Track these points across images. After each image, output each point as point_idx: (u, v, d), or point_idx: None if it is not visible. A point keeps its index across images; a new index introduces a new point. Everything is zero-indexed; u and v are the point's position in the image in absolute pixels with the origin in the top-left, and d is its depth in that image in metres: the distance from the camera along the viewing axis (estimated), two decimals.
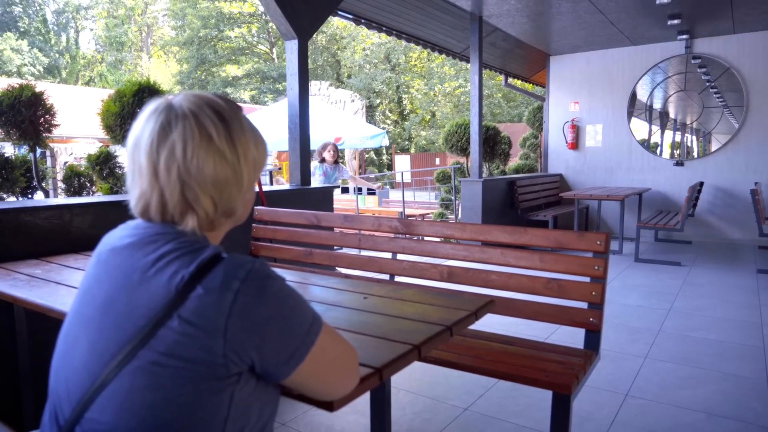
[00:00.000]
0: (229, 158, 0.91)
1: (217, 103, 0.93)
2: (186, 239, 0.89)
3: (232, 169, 0.91)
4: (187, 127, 0.88)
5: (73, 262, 2.22)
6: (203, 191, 0.89)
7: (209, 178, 0.89)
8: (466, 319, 1.45)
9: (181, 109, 0.90)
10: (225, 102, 0.95)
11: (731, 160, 7.50)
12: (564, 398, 1.80)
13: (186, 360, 0.79)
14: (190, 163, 0.88)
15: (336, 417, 2.53)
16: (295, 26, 3.79)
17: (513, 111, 25.84)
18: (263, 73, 28.94)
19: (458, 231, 2.50)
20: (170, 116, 0.89)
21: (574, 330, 2.17)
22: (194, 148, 0.88)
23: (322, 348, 0.90)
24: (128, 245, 0.90)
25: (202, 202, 0.89)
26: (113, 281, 0.88)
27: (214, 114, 0.91)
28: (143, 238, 0.90)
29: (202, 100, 0.92)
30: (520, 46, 8.23)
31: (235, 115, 0.94)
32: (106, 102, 3.74)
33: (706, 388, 2.83)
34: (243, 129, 0.94)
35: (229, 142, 0.91)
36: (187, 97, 0.92)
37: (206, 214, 0.91)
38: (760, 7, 6.08)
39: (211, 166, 0.89)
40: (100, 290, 0.90)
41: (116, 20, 31.11)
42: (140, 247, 0.89)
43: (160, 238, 0.89)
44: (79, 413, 0.84)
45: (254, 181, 0.98)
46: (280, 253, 3.05)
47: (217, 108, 0.92)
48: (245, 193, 0.96)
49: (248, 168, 0.94)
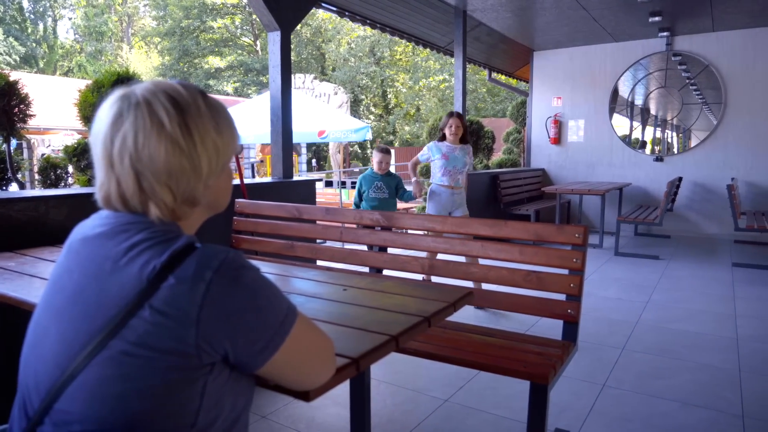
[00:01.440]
0: (182, 145, 0.87)
1: (173, 89, 0.90)
2: (158, 229, 0.88)
3: (187, 156, 0.88)
4: (138, 116, 0.87)
5: (49, 254, 2.19)
6: (158, 180, 0.87)
7: (162, 166, 0.86)
8: (444, 311, 1.46)
9: (135, 98, 0.88)
10: (184, 88, 0.92)
11: (709, 156, 7.63)
12: (541, 388, 1.82)
13: (157, 350, 0.79)
14: (142, 152, 0.86)
15: (317, 409, 2.53)
16: (277, 17, 3.75)
17: (497, 106, 25.94)
18: (247, 65, 28.63)
19: (439, 224, 2.51)
20: (123, 105, 0.88)
21: (553, 321, 2.19)
22: (146, 137, 0.86)
23: (296, 338, 0.90)
24: (99, 235, 0.89)
25: (157, 192, 0.87)
26: (84, 271, 0.87)
27: (168, 100, 0.88)
28: (114, 228, 0.88)
29: (158, 87, 0.90)
30: (504, 41, 8.26)
31: (192, 101, 0.90)
32: (83, 92, 3.67)
33: (681, 378, 2.89)
34: (201, 114, 0.90)
35: (183, 128, 0.88)
36: (145, 85, 0.90)
37: (164, 203, 0.89)
38: (739, 6, 6.18)
39: (163, 154, 0.86)
40: (70, 280, 0.88)
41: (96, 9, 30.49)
42: (111, 236, 0.87)
43: (131, 227, 0.88)
44: (48, 404, 0.83)
45: (218, 168, 0.94)
46: (262, 246, 3.04)
47: (172, 94, 0.89)
48: (207, 180, 0.92)
49: (207, 155, 0.90)
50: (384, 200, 4.44)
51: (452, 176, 4.39)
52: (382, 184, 4.43)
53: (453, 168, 4.38)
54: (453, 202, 4.45)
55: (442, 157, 4.39)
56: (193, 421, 0.83)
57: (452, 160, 4.38)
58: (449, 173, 4.39)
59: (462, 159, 4.41)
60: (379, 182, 4.43)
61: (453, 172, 4.39)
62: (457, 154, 4.40)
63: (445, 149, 4.41)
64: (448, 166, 4.38)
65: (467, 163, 4.46)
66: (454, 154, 4.39)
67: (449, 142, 4.41)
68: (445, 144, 4.43)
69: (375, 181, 4.43)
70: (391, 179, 4.47)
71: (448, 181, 4.39)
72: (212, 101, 0.94)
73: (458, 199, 4.46)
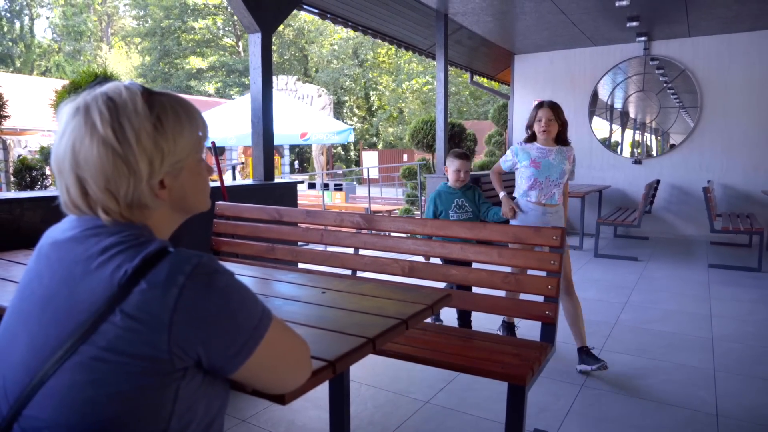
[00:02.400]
0: (115, 146, 0.85)
1: (114, 91, 0.88)
2: (130, 233, 0.87)
3: (121, 157, 0.85)
4: (77, 122, 0.86)
5: (23, 257, 2.15)
6: (98, 185, 0.86)
7: (98, 169, 0.85)
8: (422, 313, 1.46)
9: (79, 104, 0.88)
10: (126, 88, 0.89)
11: (686, 159, 7.78)
12: (519, 389, 1.84)
13: (128, 355, 0.78)
14: (79, 157, 0.85)
15: (297, 412, 2.52)
16: (258, 19, 3.74)
17: (480, 108, 26.15)
18: (228, 66, 28.45)
19: (419, 226, 2.53)
20: (71, 113, 0.88)
21: (532, 323, 2.22)
22: (81, 141, 0.85)
23: (270, 342, 0.89)
24: (70, 239, 0.88)
25: (98, 195, 0.86)
26: (54, 275, 0.86)
27: (105, 102, 0.87)
28: (84, 232, 0.87)
29: (102, 90, 0.89)
30: (486, 45, 8.33)
31: (129, 100, 0.87)
32: (60, 93, 3.62)
33: (657, 377, 2.94)
34: (137, 113, 0.87)
35: (117, 129, 0.85)
36: (94, 90, 0.90)
37: (109, 208, 0.87)
38: (714, 12, 6.32)
39: (96, 156, 0.85)
40: (40, 285, 0.87)
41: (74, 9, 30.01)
42: (82, 240, 0.87)
43: (102, 231, 0.87)
44: (17, 411, 0.82)
45: (167, 168, 0.90)
46: (242, 249, 3.02)
47: (111, 95, 0.88)
48: (151, 181, 0.88)
49: (146, 155, 0.86)
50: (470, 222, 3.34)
51: (544, 190, 3.19)
52: (464, 202, 3.39)
53: (545, 179, 3.17)
54: (545, 224, 3.21)
55: (531, 164, 3.18)
56: (166, 426, 0.82)
57: (545, 169, 3.16)
58: (540, 186, 3.19)
59: (559, 167, 3.17)
60: (459, 199, 3.39)
61: (546, 184, 3.18)
62: (552, 159, 3.17)
63: (535, 153, 3.19)
64: (538, 177, 3.18)
65: (566, 172, 3.21)
66: (548, 159, 3.17)
67: (540, 143, 3.20)
68: (535, 146, 3.22)
69: (455, 199, 3.39)
70: (472, 193, 3.46)
71: (537, 196, 3.20)
72: (160, 99, 0.91)
73: (553, 220, 3.24)
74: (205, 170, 1.00)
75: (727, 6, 6.06)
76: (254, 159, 4.05)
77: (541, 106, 3.18)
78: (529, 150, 3.22)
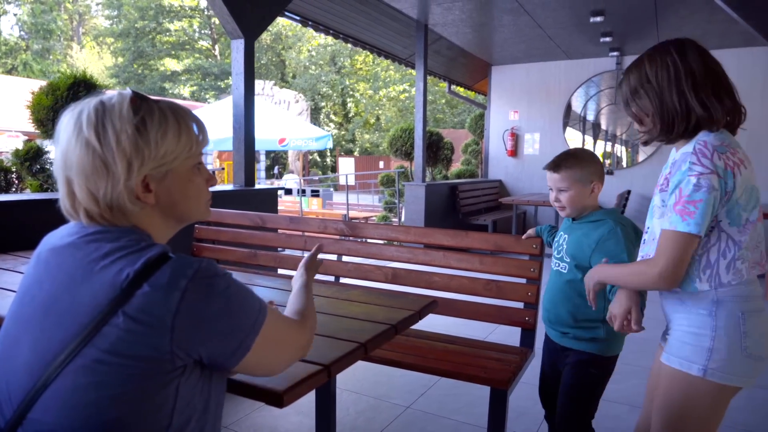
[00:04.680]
0: (95, 146, 0.87)
1: (108, 96, 0.92)
2: (130, 238, 0.89)
3: (100, 157, 0.87)
4: (70, 125, 0.90)
5: (1, 262, 2.11)
6: (79, 184, 0.89)
7: (79, 168, 0.88)
8: (410, 318, 1.51)
9: (77, 109, 0.91)
10: (119, 93, 0.92)
11: (656, 170, 8.02)
12: (501, 393, 1.89)
13: (130, 357, 0.80)
14: (67, 157, 0.89)
15: (280, 418, 2.53)
16: (241, 25, 3.74)
17: (455, 118, 26.44)
18: (204, 69, 28.13)
19: (402, 234, 2.57)
20: (68, 118, 0.91)
21: (512, 329, 2.28)
22: (68, 142, 0.89)
23: (266, 334, 0.93)
24: (69, 244, 0.89)
25: (82, 197, 0.89)
26: (54, 281, 0.87)
27: (96, 106, 0.90)
28: (84, 238, 0.89)
29: (99, 97, 0.92)
30: (464, 55, 8.47)
31: (117, 103, 0.89)
32: (37, 94, 3.55)
33: (629, 382, 3.04)
34: (121, 116, 0.88)
35: (100, 129, 0.87)
36: (95, 97, 0.93)
37: (89, 209, 0.90)
38: (682, 30, 6.57)
39: (78, 155, 0.88)
40: (40, 290, 0.88)
41: (44, 6, 29.29)
42: (81, 246, 0.88)
43: (102, 236, 0.89)
44: (21, 414, 0.83)
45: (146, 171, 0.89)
46: (224, 255, 3.01)
47: (102, 99, 0.91)
48: (128, 183, 0.88)
49: (125, 156, 0.87)
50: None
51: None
52: (565, 241, 1.83)
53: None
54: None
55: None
56: (168, 423, 0.84)
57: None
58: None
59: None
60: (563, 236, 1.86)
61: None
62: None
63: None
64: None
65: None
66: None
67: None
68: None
69: (561, 233, 1.89)
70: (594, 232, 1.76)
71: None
72: (149, 104, 0.92)
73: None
74: (199, 177, 0.99)
75: (695, 24, 6.31)
76: (235, 164, 4.04)
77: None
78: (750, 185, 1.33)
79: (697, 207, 1.23)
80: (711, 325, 1.30)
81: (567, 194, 1.74)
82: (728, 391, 1.32)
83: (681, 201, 1.26)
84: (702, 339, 1.31)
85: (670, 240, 1.28)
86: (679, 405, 1.35)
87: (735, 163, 1.27)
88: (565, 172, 1.73)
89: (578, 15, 6.05)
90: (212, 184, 1.03)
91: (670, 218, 1.29)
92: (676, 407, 1.35)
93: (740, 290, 1.31)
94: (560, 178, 1.74)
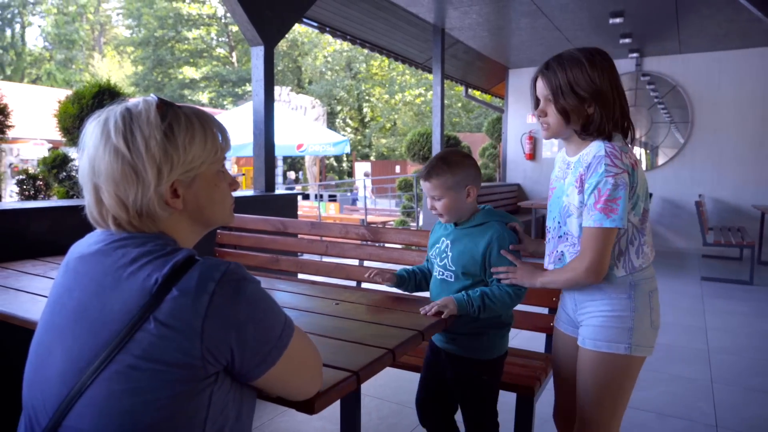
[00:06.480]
0: (124, 152, 0.87)
1: (134, 103, 0.92)
2: (156, 243, 0.89)
3: (130, 163, 0.87)
4: (97, 132, 0.90)
5: (31, 268, 2.15)
6: (109, 192, 0.89)
7: (108, 175, 0.88)
8: (436, 325, 1.49)
9: (103, 117, 0.92)
10: (144, 100, 0.93)
11: (677, 173, 7.90)
12: (527, 399, 1.87)
13: (163, 363, 0.80)
14: (95, 164, 0.89)
15: (303, 423, 2.53)
16: (261, 33, 3.78)
17: (472, 121, 26.34)
18: (222, 76, 28.48)
19: (424, 239, 2.55)
20: (93, 126, 0.92)
21: (533, 334, 2.25)
22: (96, 149, 0.89)
23: (292, 352, 0.92)
24: (96, 252, 0.90)
25: (111, 204, 0.89)
26: (84, 289, 0.88)
27: (122, 113, 0.90)
28: (111, 245, 0.90)
29: (124, 104, 0.93)
30: (481, 59, 8.44)
31: (144, 110, 0.90)
32: (63, 103, 3.62)
33: (657, 389, 2.98)
34: (149, 122, 0.89)
35: (128, 136, 0.88)
36: (119, 105, 0.93)
37: (119, 216, 0.90)
38: (704, 30, 6.47)
39: (107, 162, 0.88)
40: (70, 299, 0.89)
41: (67, 17, 29.95)
42: (109, 253, 0.89)
43: (128, 243, 0.89)
44: (56, 422, 0.83)
45: (175, 176, 0.90)
46: (246, 260, 3.03)
47: (129, 107, 0.92)
48: (158, 189, 0.89)
49: (155, 162, 0.88)
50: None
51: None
52: (448, 248, 1.74)
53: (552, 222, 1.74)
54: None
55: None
56: (201, 431, 0.84)
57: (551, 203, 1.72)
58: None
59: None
60: (446, 240, 1.75)
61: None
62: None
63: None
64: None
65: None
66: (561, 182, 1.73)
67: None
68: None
69: (441, 238, 1.77)
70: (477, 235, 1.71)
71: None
72: (175, 110, 0.93)
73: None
74: (224, 182, 1.00)
75: (717, 24, 6.21)
76: (255, 170, 4.07)
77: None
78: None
79: (618, 204, 1.39)
80: (631, 306, 1.48)
81: (441, 203, 1.65)
82: (641, 361, 1.52)
83: (602, 200, 1.40)
84: (625, 320, 1.48)
85: (595, 236, 1.42)
86: (610, 383, 1.51)
87: (634, 162, 1.46)
88: (436, 179, 1.64)
89: (597, 17, 6.00)
90: (235, 188, 1.05)
91: (593, 216, 1.41)
92: (607, 385, 1.51)
93: (648, 272, 1.54)
94: (432, 187, 1.64)
